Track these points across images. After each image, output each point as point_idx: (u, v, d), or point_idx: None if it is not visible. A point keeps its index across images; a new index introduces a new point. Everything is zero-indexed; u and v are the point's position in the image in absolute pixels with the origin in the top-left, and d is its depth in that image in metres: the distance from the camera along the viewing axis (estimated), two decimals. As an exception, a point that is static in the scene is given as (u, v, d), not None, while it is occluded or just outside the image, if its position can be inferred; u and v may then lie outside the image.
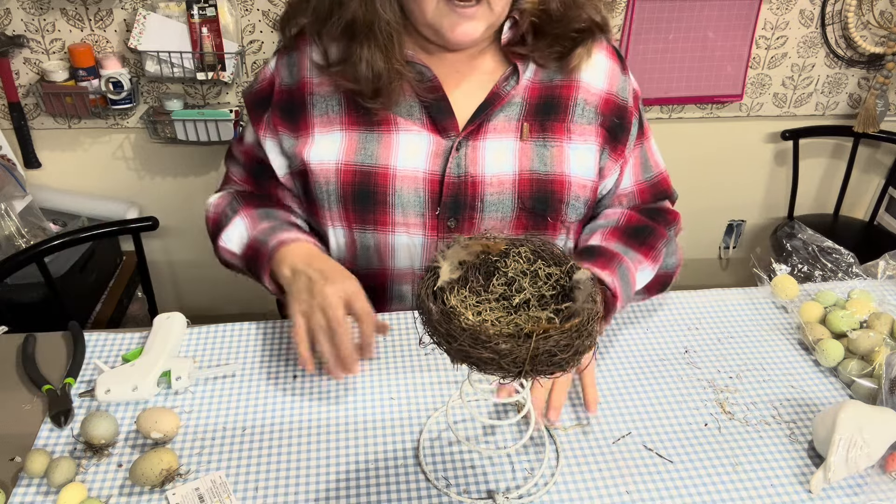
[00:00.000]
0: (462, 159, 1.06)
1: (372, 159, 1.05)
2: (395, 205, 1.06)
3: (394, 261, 1.11)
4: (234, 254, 1.10)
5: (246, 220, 1.10)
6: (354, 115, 1.07)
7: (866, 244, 2.38)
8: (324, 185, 1.07)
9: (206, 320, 1.10)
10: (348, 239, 1.11)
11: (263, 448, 0.89)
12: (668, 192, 1.20)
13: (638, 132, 1.15)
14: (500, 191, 1.06)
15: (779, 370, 1.02)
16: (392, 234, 1.08)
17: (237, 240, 1.09)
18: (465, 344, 0.65)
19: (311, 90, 1.08)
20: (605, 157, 1.11)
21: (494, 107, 1.06)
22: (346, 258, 1.13)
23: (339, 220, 1.09)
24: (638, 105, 1.15)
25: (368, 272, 1.11)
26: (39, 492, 0.83)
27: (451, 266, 0.73)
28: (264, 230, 1.07)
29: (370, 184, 1.06)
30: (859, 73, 2.33)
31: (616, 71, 1.12)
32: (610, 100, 1.10)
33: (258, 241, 1.06)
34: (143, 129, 2.12)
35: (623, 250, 1.05)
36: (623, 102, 1.12)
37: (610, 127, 1.11)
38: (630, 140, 1.13)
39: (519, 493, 0.84)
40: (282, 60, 1.11)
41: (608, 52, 1.12)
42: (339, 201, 1.07)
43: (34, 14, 1.93)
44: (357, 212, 1.07)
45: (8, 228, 1.97)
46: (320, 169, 1.07)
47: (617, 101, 1.11)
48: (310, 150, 1.07)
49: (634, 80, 1.15)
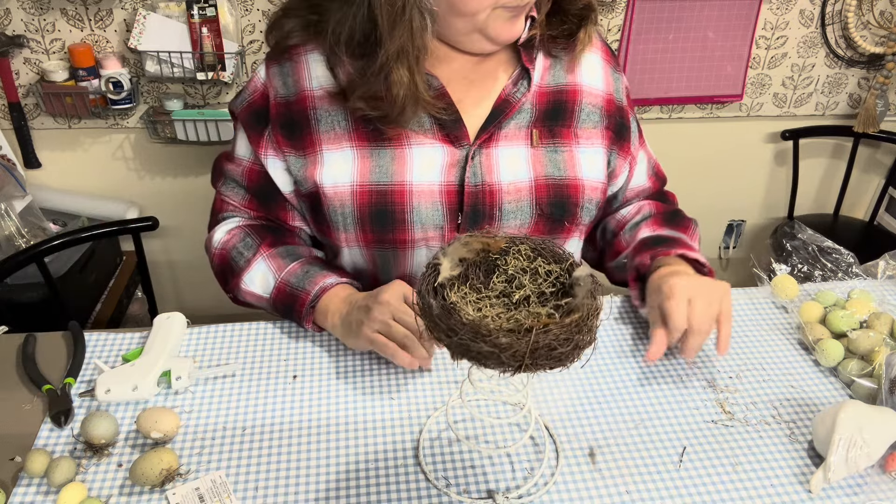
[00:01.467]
0: (478, 168, 1.04)
1: (387, 177, 1.03)
2: (413, 221, 1.04)
3: (413, 273, 1.09)
4: (260, 297, 1.08)
5: (268, 260, 1.07)
6: (363, 130, 1.03)
7: (866, 244, 2.38)
8: (339, 208, 1.04)
9: (206, 320, 1.10)
10: (366, 257, 1.09)
11: (263, 448, 0.89)
12: (663, 175, 1.26)
13: (638, 128, 1.18)
14: (517, 198, 1.05)
15: (779, 370, 1.02)
16: (411, 249, 1.06)
17: (261, 282, 1.07)
18: (466, 338, 0.65)
19: (314, 104, 1.04)
20: (614, 157, 1.12)
21: (507, 115, 1.05)
22: (366, 272, 1.11)
23: (355, 241, 1.06)
24: (630, 103, 1.17)
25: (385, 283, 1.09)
26: (39, 492, 0.83)
27: (451, 263, 0.73)
28: (295, 273, 1.05)
29: (388, 203, 1.03)
30: (859, 73, 2.33)
31: (609, 71, 1.13)
32: (610, 100, 1.11)
33: (291, 286, 1.04)
34: (143, 129, 2.12)
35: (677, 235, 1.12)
36: (620, 102, 1.13)
37: (615, 128, 1.12)
38: (633, 137, 1.15)
39: (519, 492, 0.83)
40: (273, 70, 1.06)
41: (602, 52, 1.12)
42: (357, 223, 1.04)
43: (34, 14, 1.93)
44: (375, 232, 1.04)
45: (8, 228, 1.97)
46: (335, 192, 1.03)
47: (615, 102, 1.12)
48: (321, 173, 1.03)
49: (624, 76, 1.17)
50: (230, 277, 1.10)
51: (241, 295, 1.10)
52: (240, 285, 1.09)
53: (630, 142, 1.14)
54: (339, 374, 0.99)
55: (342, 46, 0.97)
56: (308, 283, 1.03)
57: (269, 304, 1.07)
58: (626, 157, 1.14)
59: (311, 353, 1.03)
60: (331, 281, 1.03)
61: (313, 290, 1.02)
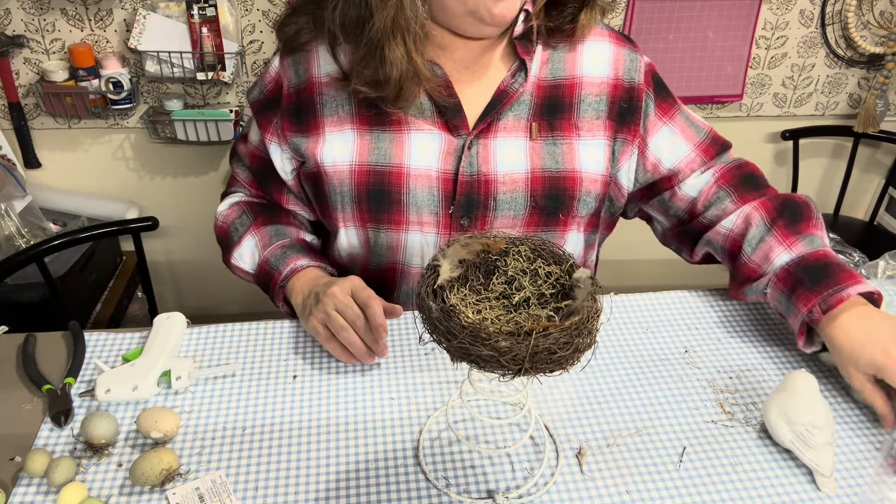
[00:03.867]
0: (474, 158, 1.06)
1: (385, 158, 1.06)
2: (409, 203, 1.06)
3: (405, 258, 1.11)
4: (247, 272, 1.17)
5: (256, 237, 1.15)
6: (365, 114, 1.07)
7: (866, 244, 2.38)
8: (338, 186, 1.08)
9: (206, 320, 1.10)
10: (361, 238, 1.12)
11: (263, 448, 0.89)
12: (726, 142, 1.17)
13: (664, 101, 1.13)
14: (512, 189, 1.06)
15: (779, 370, 1.02)
16: (406, 232, 1.08)
17: (249, 259, 1.15)
18: (465, 341, 0.65)
19: (321, 90, 1.07)
20: (618, 145, 1.11)
21: (504, 105, 1.06)
22: (359, 255, 1.14)
23: (352, 220, 1.10)
24: (651, 80, 1.13)
25: (379, 268, 1.14)
26: (39, 492, 0.83)
27: (451, 264, 0.73)
28: (275, 253, 1.11)
29: (384, 183, 1.06)
30: (859, 73, 2.33)
31: (622, 54, 1.11)
32: (618, 84, 1.10)
33: (269, 265, 1.11)
34: (143, 129, 2.12)
35: (813, 241, 1.03)
36: (630, 83, 1.10)
37: (618, 114, 1.10)
38: (644, 115, 1.12)
39: (519, 493, 0.83)
40: (287, 60, 1.10)
41: (612, 38, 1.11)
42: (354, 202, 1.08)
43: (34, 14, 1.93)
44: (371, 211, 1.08)
45: (8, 228, 1.97)
46: (334, 171, 1.07)
47: (624, 84, 1.10)
48: (322, 151, 1.07)
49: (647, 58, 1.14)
50: (225, 251, 1.19)
51: (233, 269, 1.19)
52: (230, 260, 1.18)
53: (639, 123, 1.11)
54: (339, 374, 1.00)
55: (339, 29, 1.01)
56: (283, 263, 1.10)
57: (253, 280, 1.16)
58: (633, 140, 1.11)
59: (311, 353, 1.03)
60: (303, 263, 1.09)
61: (285, 271, 1.09)
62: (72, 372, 0.98)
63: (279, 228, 1.15)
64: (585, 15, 1.05)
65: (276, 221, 1.16)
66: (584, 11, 1.05)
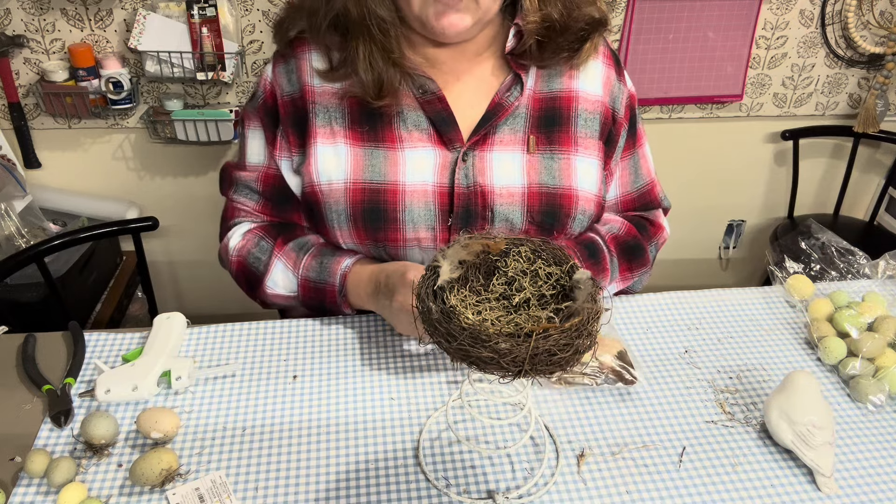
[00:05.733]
0: (470, 170, 1.05)
1: (380, 176, 1.04)
2: (405, 221, 1.05)
3: None
4: (287, 297, 1.10)
5: (283, 259, 1.09)
6: (359, 130, 1.05)
7: (866, 244, 2.37)
8: (333, 205, 1.06)
9: (206, 320, 1.10)
10: (363, 253, 1.10)
11: (263, 448, 0.89)
12: (655, 201, 1.21)
13: (628, 141, 1.15)
14: (510, 202, 1.05)
15: (780, 370, 1.02)
16: (403, 248, 1.07)
17: (283, 282, 1.09)
18: (465, 343, 0.65)
19: (314, 98, 1.06)
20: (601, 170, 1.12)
21: (499, 118, 1.05)
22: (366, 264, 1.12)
23: (349, 238, 1.08)
24: (630, 113, 1.14)
25: None
26: (39, 492, 0.83)
27: (451, 265, 0.73)
28: (313, 267, 1.07)
29: (380, 201, 1.04)
30: (859, 73, 2.33)
31: (611, 78, 1.12)
32: (607, 111, 1.11)
33: (314, 282, 1.07)
34: (143, 129, 2.12)
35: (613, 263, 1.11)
36: (615, 114, 1.12)
37: (607, 139, 1.11)
38: (617, 151, 1.14)
39: (519, 493, 0.83)
40: (279, 68, 1.09)
41: (605, 57, 1.12)
42: (349, 221, 1.06)
43: (34, 14, 1.93)
44: (367, 230, 1.06)
45: (8, 228, 1.97)
46: (329, 190, 1.05)
47: (610, 112, 1.11)
48: (316, 167, 1.06)
49: (631, 83, 1.15)
50: (255, 285, 1.12)
51: (269, 299, 1.12)
52: (265, 291, 1.11)
53: (612, 157, 1.13)
54: (339, 374, 1.00)
55: (323, 33, 1.02)
56: (328, 273, 1.06)
57: (298, 303, 1.10)
58: (608, 167, 1.14)
59: (311, 353, 1.03)
60: (346, 264, 1.06)
61: (336, 281, 1.06)
62: (72, 372, 0.98)
63: (300, 241, 1.11)
64: (590, 44, 1.06)
65: (294, 236, 1.11)
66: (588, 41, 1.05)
